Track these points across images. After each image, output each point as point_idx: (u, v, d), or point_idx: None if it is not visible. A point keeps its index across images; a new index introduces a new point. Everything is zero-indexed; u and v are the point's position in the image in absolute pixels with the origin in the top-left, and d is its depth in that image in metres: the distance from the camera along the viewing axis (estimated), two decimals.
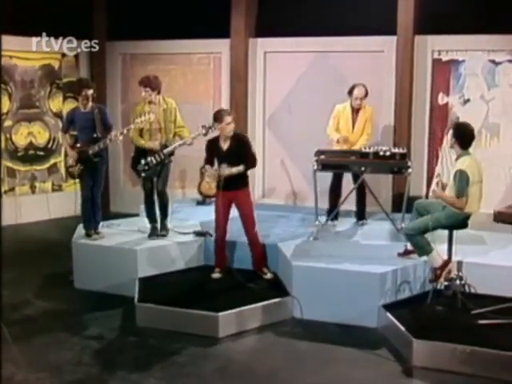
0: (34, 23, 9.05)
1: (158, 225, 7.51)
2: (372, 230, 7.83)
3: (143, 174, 7.26)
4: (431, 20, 8.47)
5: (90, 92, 7.24)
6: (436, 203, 6.33)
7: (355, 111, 7.77)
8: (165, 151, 7.18)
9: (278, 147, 9.58)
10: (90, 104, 7.28)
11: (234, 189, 6.78)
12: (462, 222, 6.17)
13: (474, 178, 6.03)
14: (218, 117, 6.73)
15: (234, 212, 6.97)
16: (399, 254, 6.67)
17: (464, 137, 6.14)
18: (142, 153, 7.25)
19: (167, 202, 7.50)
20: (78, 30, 9.37)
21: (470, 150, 6.21)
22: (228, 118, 6.69)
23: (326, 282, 6.31)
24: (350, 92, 7.74)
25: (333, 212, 7.85)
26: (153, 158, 7.16)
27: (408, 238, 6.39)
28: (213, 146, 6.84)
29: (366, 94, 7.72)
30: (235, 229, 7.09)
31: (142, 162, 7.18)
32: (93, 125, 7.23)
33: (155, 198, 7.44)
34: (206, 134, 6.99)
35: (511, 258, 6.69)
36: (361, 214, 8.08)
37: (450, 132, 6.25)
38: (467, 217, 6.16)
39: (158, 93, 7.31)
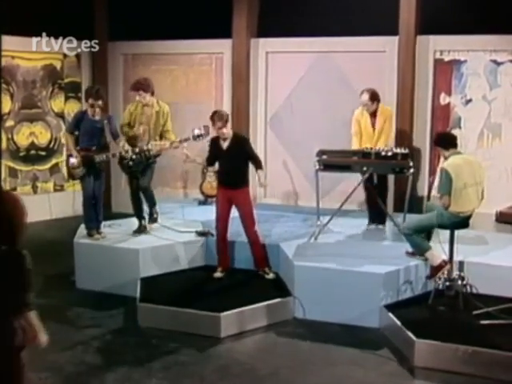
0: (35, 23, 9.06)
1: (146, 222, 7.66)
2: (374, 229, 7.82)
3: (127, 170, 7.41)
4: (433, 20, 8.46)
5: (98, 103, 7.19)
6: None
7: (372, 114, 7.63)
8: (151, 152, 7.24)
9: (279, 147, 9.57)
10: (98, 112, 7.23)
11: (232, 187, 6.79)
12: (459, 222, 6.15)
13: (464, 179, 6.01)
14: (211, 119, 6.75)
15: (234, 212, 6.97)
16: (407, 253, 6.66)
17: (442, 139, 6.41)
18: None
19: (152, 194, 7.63)
20: (80, 31, 9.39)
21: (470, 151, 6.21)
22: (218, 124, 6.66)
23: (327, 282, 6.31)
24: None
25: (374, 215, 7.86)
26: (137, 156, 7.23)
27: (405, 237, 6.42)
28: (214, 145, 6.88)
29: (373, 98, 7.53)
30: (235, 229, 7.08)
31: (128, 157, 7.23)
32: (99, 133, 7.25)
33: (141, 195, 7.56)
34: (196, 139, 7.13)
35: None
36: (377, 218, 7.86)
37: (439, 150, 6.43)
38: (467, 217, 6.15)
39: (152, 94, 7.42)
